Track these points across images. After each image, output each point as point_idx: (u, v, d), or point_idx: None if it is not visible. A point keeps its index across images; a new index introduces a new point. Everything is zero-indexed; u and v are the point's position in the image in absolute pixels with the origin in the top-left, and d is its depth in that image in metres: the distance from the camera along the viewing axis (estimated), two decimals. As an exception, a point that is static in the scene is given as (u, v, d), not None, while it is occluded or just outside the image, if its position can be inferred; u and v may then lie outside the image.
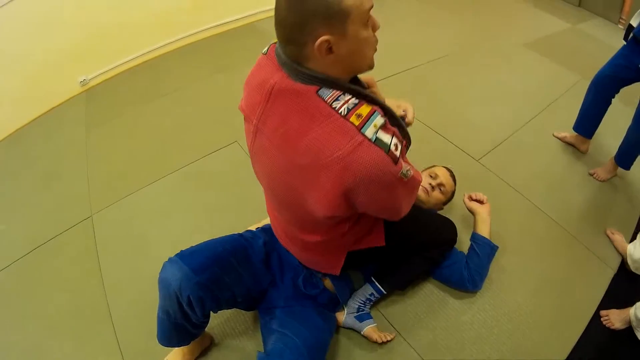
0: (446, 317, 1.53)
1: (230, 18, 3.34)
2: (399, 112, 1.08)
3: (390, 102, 1.01)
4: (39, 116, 2.63)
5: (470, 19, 3.61)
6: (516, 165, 2.15)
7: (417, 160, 1.31)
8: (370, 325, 1.42)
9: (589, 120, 2.10)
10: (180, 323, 1.18)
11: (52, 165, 2.27)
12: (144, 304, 1.57)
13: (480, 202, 1.68)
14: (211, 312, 1.23)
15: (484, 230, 1.59)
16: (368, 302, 1.45)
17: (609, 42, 1.97)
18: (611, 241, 1.79)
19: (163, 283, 1.12)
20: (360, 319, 1.43)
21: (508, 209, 1.90)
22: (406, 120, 1.08)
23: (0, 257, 1.81)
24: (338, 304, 1.45)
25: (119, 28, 2.77)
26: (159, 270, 1.56)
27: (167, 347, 1.30)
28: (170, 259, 1.14)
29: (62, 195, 2.07)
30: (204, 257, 1.14)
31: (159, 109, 2.60)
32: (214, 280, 1.13)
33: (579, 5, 3.91)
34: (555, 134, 2.31)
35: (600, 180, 2.06)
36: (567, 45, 3.27)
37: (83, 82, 2.78)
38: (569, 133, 2.26)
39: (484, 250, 1.56)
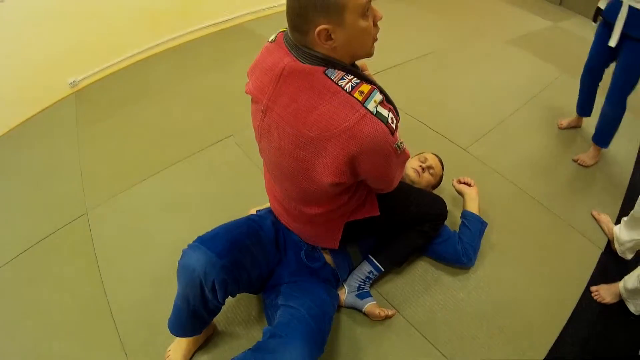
0: (443, 294, 1.57)
1: (218, 19, 3.37)
2: None
3: None
4: (29, 118, 2.60)
5: (455, 19, 3.71)
6: (502, 153, 2.22)
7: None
8: (371, 303, 1.46)
9: (587, 103, 2.28)
10: (198, 310, 1.19)
11: (44, 164, 2.25)
12: (144, 297, 1.57)
13: (468, 185, 1.76)
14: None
15: (473, 208, 1.67)
16: (368, 280, 1.48)
17: (589, 38, 2.09)
18: (597, 222, 1.85)
19: (185, 269, 1.12)
20: (361, 297, 1.46)
21: (496, 194, 1.96)
22: None
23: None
24: (339, 282, 1.48)
25: (108, 30, 2.77)
26: (159, 262, 1.56)
27: (179, 336, 1.31)
28: (190, 245, 1.15)
29: (56, 193, 2.05)
30: (224, 240, 1.16)
31: (150, 108, 2.61)
32: (234, 262, 1.15)
33: (560, 4, 4.04)
34: (559, 124, 2.41)
35: (584, 166, 2.14)
36: (548, 42, 3.38)
37: (73, 84, 2.77)
38: (569, 118, 2.40)
39: (474, 225, 1.63)
